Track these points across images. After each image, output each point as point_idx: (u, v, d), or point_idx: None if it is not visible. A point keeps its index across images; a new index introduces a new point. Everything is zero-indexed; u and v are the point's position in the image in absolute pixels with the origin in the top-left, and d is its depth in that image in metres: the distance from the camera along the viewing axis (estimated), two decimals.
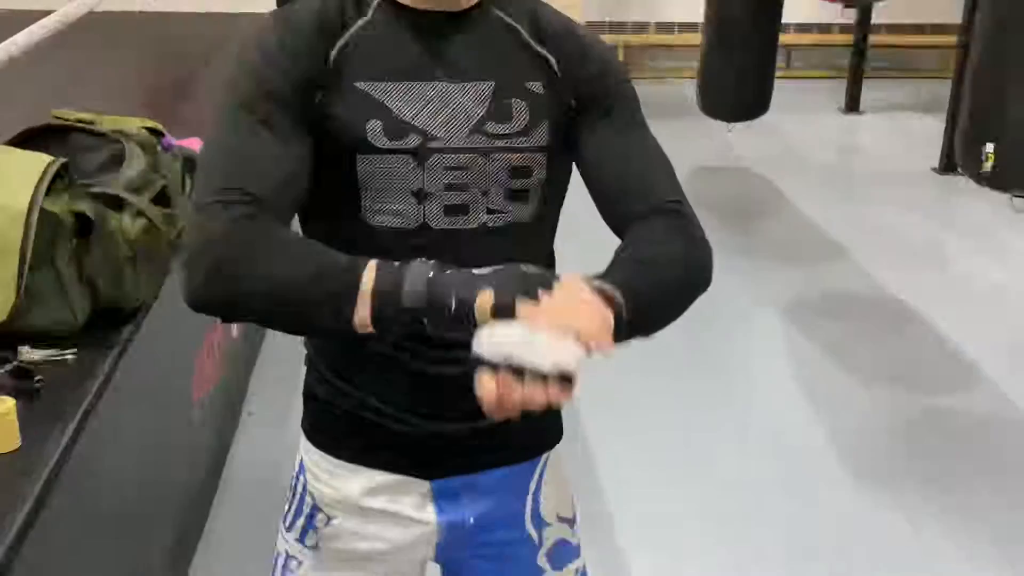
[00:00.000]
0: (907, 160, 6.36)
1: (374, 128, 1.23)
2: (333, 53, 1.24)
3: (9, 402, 1.55)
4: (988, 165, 3.15)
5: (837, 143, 6.86)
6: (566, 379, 1.02)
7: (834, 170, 6.32)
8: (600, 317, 1.08)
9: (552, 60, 1.30)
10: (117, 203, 1.93)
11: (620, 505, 3.02)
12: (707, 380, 3.78)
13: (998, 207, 5.13)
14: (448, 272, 1.10)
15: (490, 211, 1.27)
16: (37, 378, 1.70)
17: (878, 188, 5.92)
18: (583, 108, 1.31)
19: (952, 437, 3.47)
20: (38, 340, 1.81)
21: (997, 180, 3.20)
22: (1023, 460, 3.33)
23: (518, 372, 1.01)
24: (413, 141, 1.24)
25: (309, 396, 1.43)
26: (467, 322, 1.07)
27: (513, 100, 1.27)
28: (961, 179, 5.60)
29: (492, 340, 1.03)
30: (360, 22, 1.27)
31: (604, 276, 1.16)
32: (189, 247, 1.16)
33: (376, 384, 1.34)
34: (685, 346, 3.94)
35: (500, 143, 1.26)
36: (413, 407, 1.33)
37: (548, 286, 1.08)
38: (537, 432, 1.41)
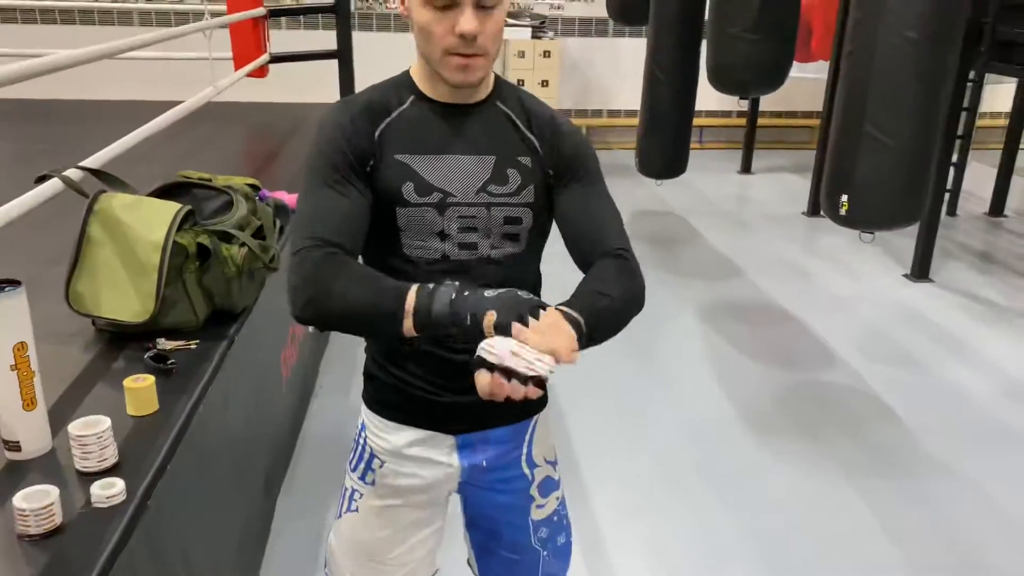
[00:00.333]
0: (785, 207, 6.37)
1: (408, 188, 1.25)
2: (378, 132, 1.26)
3: (150, 378, 1.55)
4: (843, 210, 3.16)
5: (735, 195, 6.86)
6: (540, 382, 1.08)
7: (733, 214, 6.32)
8: (569, 339, 1.12)
9: (536, 143, 1.31)
10: (227, 237, 1.92)
11: (584, 455, 3.02)
12: (643, 363, 3.77)
13: (849, 240, 5.17)
14: (466, 294, 1.14)
15: (492, 247, 1.30)
16: (170, 361, 1.70)
17: (764, 226, 5.93)
18: (558, 176, 1.32)
19: (819, 403, 3.48)
20: (171, 334, 1.81)
21: (849, 221, 3.22)
22: (869, 417, 3.34)
23: (508, 374, 1.07)
24: (436, 197, 1.26)
25: (367, 374, 1.44)
26: (477, 332, 1.12)
27: (509, 170, 1.29)
28: (823, 220, 5.63)
29: (492, 349, 1.08)
30: (399, 109, 1.28)
31: (572, 304, 1.19)
32: (292, 281, 1.19)
33: (414, 366, 1.36)
34: (626, 340, 3.94)
35: (499, 200, 1.28)
36: (441, 382, 1.35)
37: (536, 313, 1.12)
38: (527, 403, 1.40)
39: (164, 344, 1.77)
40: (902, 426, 3.28)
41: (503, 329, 1.10)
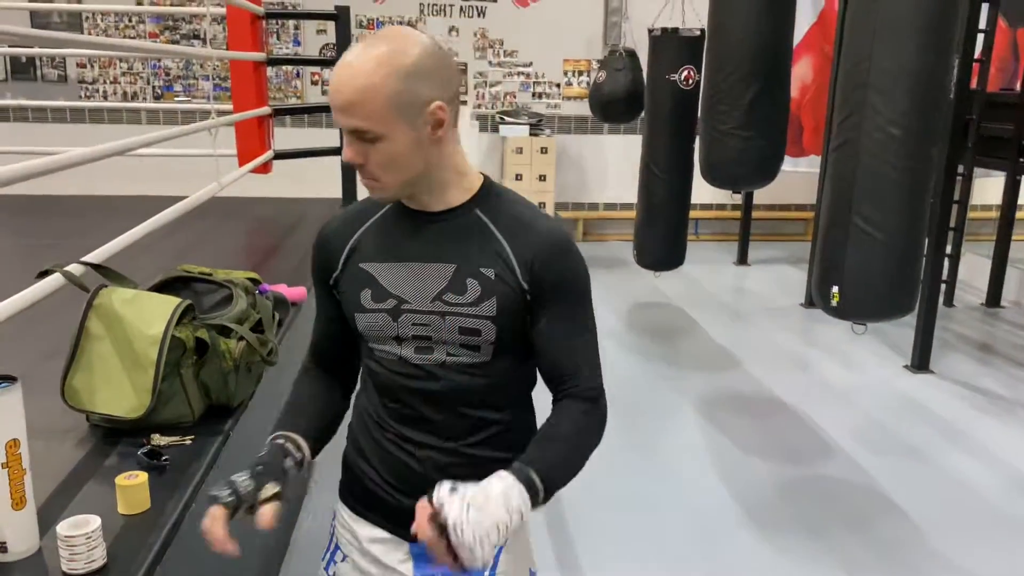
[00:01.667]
0: (781, 298, 6.40)
1: (366, 295, 1.29)
2: (354, 239, 1.33)
3: (143, 475, 1.52)
4: (835, 302, 3.18)
5: (732, 286, 6.91)
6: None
7: (730, 305, 6.35)
8: (517, 519, 1.12)
9: (512, 258, 1.24)
10: (226, 331, 1.93)
11: (585, 550, 2.95)
12: (644, 456, 3.72)
13: (847, 331, 5.17)
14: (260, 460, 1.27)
15: (448, 354, 1.27)
16: (164, 457, 1.67)
17: (761, 318, 5.94)
18: (537, 298, 1.25)
19: (821, 496, 3.41)
20: (166, 429, 1.79)
21: (840, 312, 3.23)
22: (872, 512, 3.28)
23: (448, 540, 1.06)
24: (391, 304, 1.27)
25: (343, 462, 1.44)
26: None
27: (469, 280, 1.24)
28: (819, 311, 5.65)
29: (449, 506, 1.07)
30: (375, 216, 1.34)
31: (533, 458, 1.19)
32: None
33: (378, 462, 1.35)
34: (626, 430, 3.91)
35: (454, 309, 1.25)
36: (400, 486, 1.33)
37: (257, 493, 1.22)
38: None
39: (158, 440, 1.75)
40: (906, 520, 3.21)
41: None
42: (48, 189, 3.53)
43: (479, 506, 1.08)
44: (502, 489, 1.12)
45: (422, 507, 1.10)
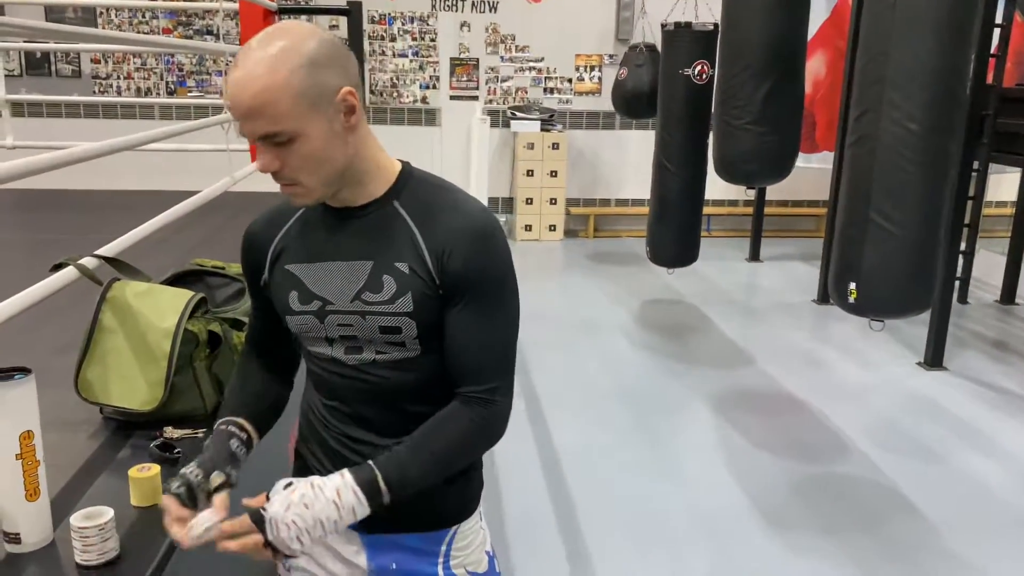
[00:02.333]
0: (794, 294, 6.36)
1: (293, 297, 1.27)
2: (276, 240, 1.32)
3: (156, 468, 1.52)
4: (852, 299, 3.16)
5: (744, 283, 6.88)
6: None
7: (742, 302, 6.32)
8: (349, 516, 1.18)
9: (425, 250, 1.19)
10: (238, 324, 1.93)
11: (596, 548, 2.94)
12: (655, 453, 3.71)
13: (860, 328, 5.15)
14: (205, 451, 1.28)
15: (377, 352, 1.25)
16: (176, 450, 1.67)
17: (774, 314, 5.91)
18: (446, 290, 1.20)
19: (834, 495, 3.39)
20: (178, 422, 1.79)
21: (859, 309, 3.20)
22: (886, 510, 3.25)
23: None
24: (316, 305, 1.26)
25: (296, 454, 1.44)
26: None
27: (384, 276, 1.20)
28: (832, 308, 5.62)
29: (271, 504, 1.19)
30: (296, 215, 1.32)
31: (389, 461, 1.20)
32: None
33: (321, 454, 1.35)
34: (637, 427, 3.90)
35: (372, 308, 1.22)
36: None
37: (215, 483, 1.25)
38: (443, 513, 1.36)
39: (171, 432, 1.75)
40: (920, 519, 3.19)
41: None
42: (62, 184, 3.54)
43: (309, 502, 1.16)
44: (336, 487, 1.17)
45: (256, 500, 1.19)
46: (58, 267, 1.96)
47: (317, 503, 1.16)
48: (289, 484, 1.19)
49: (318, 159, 1.14)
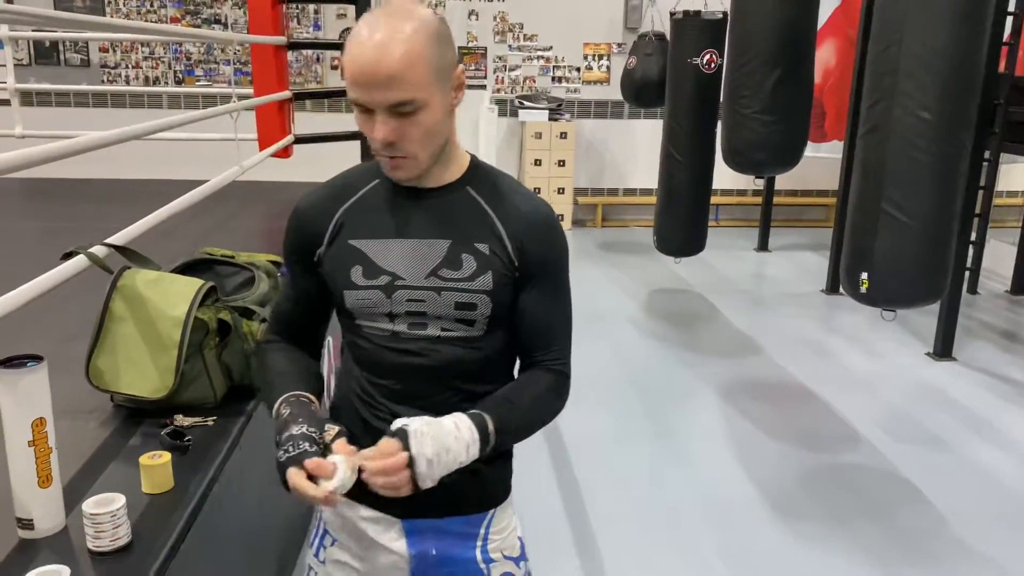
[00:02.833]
0: (803, 284, 6.34)
1: (357, 272, 1.27)
2: (339, 214, 1.30)
3: (166, 455, 1.53)
4: (864, 288, 3.14)
5: (753, 272, 6.86)
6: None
7: (751, 292, 6.31)
8: (463, 454, 1.19)
9: (504, 235, 1.27)
10: (248, 313, 1.93)
11: (604, 536, 2.95)
12: (664, 443, 3.71)
13: (869, 317, 5.13)
14: (285, 418, 1.22)
15: (443, 328, 1.27)
16: (187, 438, 1.68)
17: (782, 304, 5.89)
18: (522, 272, 1.28)
19: (843, 484, 3.39)
20: (189, 410, 1.80)
21: (871, 299, 3.19)
22: (896, 500, 3.25)
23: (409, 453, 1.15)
24: (384, 280, 1.26)
25: None
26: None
27: (464, 255, 1.25)
28: (842, 298, 5.60)
29: (411, 423, 1.17)
30: (362, 192, 1.31)
31: (492, 410, 1.24)
32: None
33: (365, 442, 1.25)
34: (646, 416, 3.90)
35: (450, 284, 1.25)
36: None
37: (298, 459, 1.18)
38: (483, 495, 1.38)
39: (181, 420, 1.76)
40: (929, 509, 3.18)
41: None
42: (71, 173, 3.55)
43: (435, 431, 1.16)
44: (454, 422, 1.19)
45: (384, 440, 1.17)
46: (68, 255, 1.96)
47: (442, 430, 1.17)
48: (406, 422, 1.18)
49: (434, 132, 1.18)
